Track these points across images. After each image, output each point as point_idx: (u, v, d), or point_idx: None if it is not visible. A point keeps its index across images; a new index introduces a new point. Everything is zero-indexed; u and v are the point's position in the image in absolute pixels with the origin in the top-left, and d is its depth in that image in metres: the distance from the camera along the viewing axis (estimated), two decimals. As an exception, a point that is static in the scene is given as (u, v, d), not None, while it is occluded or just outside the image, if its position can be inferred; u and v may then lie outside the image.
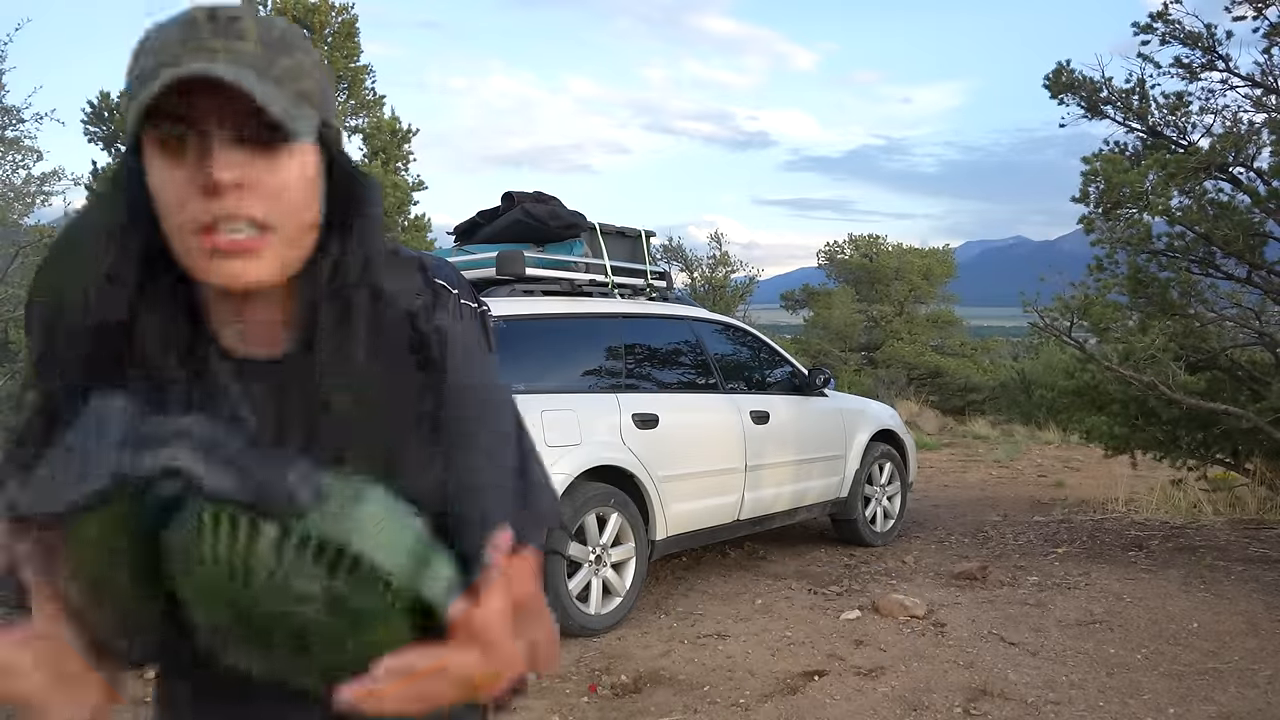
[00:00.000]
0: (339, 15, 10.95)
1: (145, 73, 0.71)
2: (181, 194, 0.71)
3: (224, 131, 0.71)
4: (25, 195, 5.91)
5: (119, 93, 0.78)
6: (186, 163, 0.71)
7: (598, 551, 4.22)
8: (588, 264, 4.82)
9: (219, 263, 0.71)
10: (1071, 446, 12.07)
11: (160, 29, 0.73)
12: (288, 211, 0.73)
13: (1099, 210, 6.05)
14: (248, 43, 0.72)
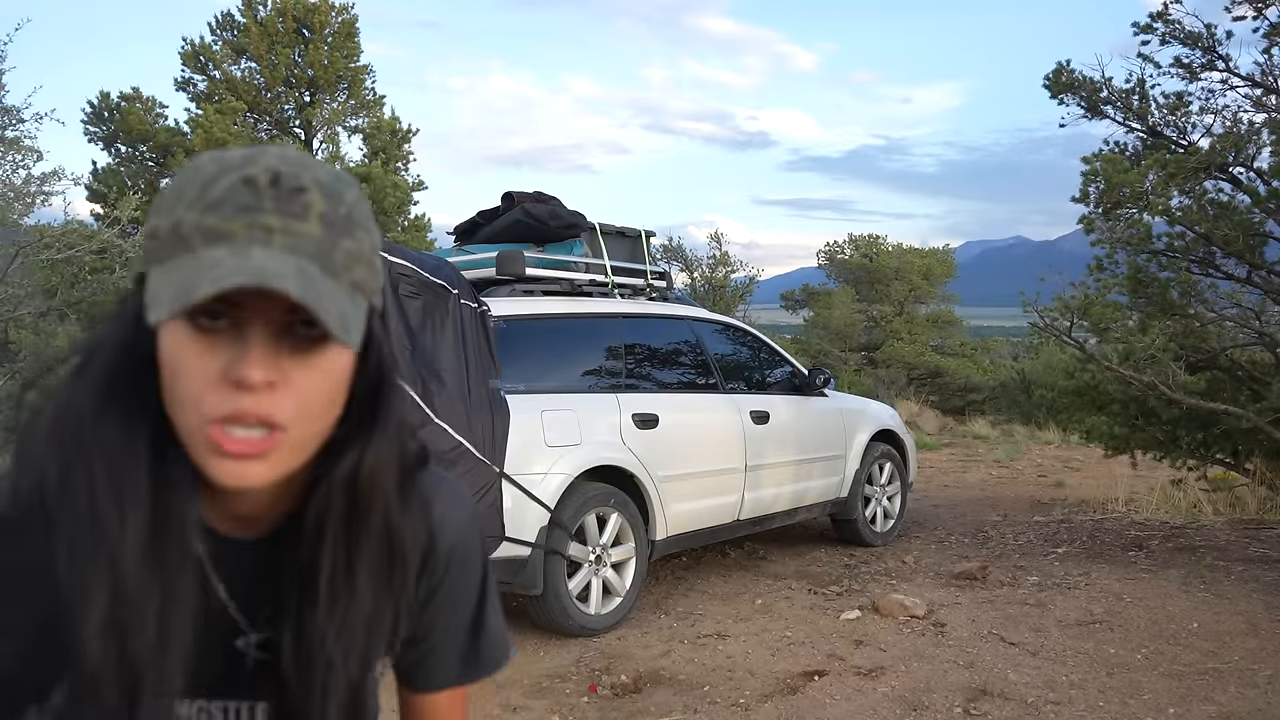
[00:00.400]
0: (339, 15, 10.96)
1: (185, 232, 0.63)
2: (202, 380, 0.64)
3: (265, 328, 0.65)
4: (25, 195, 5.91)
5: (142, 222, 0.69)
6: (216, 346, 0.64)
7: (598, 551, 4.22)
8: (588, 264, 4.82)
9: (222, 462, 0.65)
10: (1071, 446, 12.07)
11: (209, 177, 0.65)
12: (307, 416, 0.67)
13: (1099, 210, 6.05)
14: (309, 223, 0.65)
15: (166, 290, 0.62)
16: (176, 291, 0.61)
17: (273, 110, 10.99)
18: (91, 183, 10.02)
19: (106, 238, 5.66)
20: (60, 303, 5.91)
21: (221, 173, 0.64)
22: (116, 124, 10.10)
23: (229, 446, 0.64)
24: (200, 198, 0.64)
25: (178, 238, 0.64)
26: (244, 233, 0.63)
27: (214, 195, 0.63)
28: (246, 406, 0.64)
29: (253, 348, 0.64)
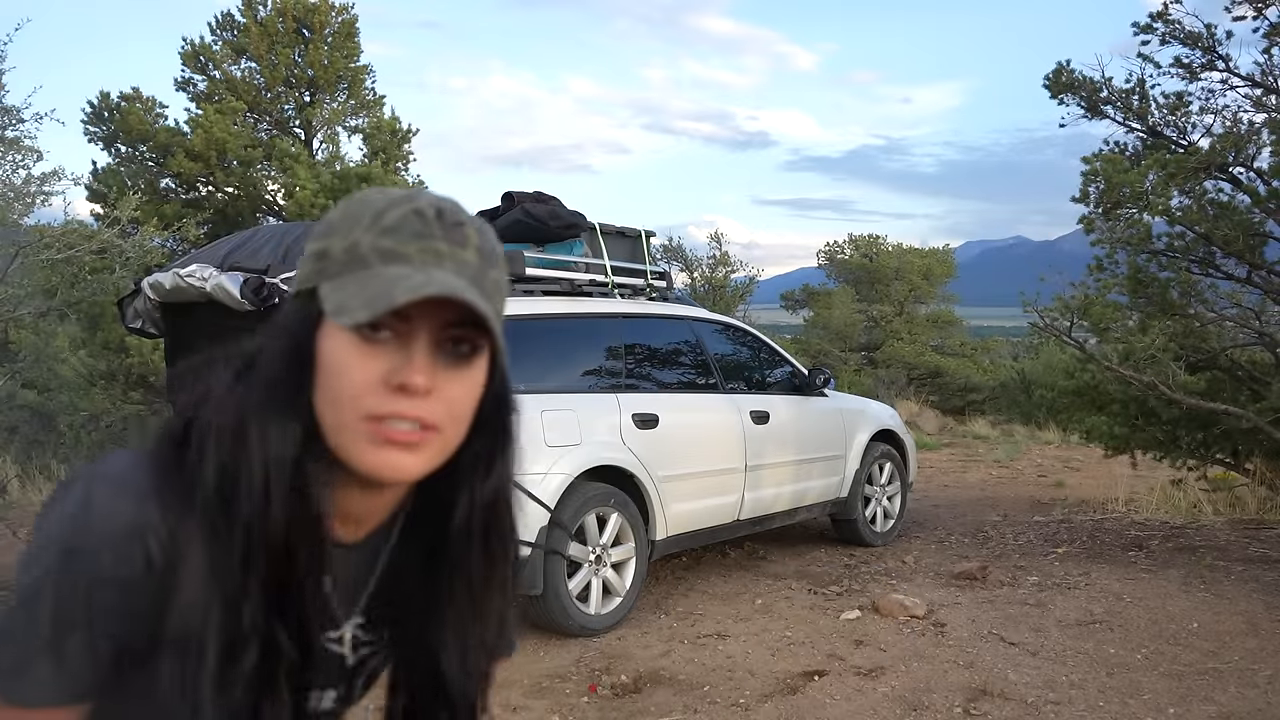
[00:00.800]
0: (339, 15, 10.94)
1: (363, 252, 0.73)
2: (365, 383, 0.72)
3: (426, 342, 0.73)
4: (25, 195, 5.91)
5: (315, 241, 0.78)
6: (379, 355, 0.72)
7: (598, 551, 4.22)
8: (588, 264, 4.82)
9: (382, 451, 0.72)
10: (1071, 446, 12.06)
11: (381, 208, 0.74)
12: (453, 421, 0.75)
13: (1099, 210, 6.04)
14: (469, 252, 0.75)
15: (357, 298, 0.70)
16: (369, 298, 0.70)
17: (273, 110, 10.99)
18: (91, 183, 10.00)
19: (106, 238, 5.66)
20: (60, 303, 5.91)
21: (391, 205, 0.74)
22: (116, 124, 10.09)
23: (392, 435, 0.72)
24: (374, 224, 0.73)
25: (354, 257, 0.73)
26: (418, 256, 0.73)
27: (388, 222, 0.73)
28: (405, 409, 0.72)
29: (417, 357, 0.72)
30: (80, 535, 0.72)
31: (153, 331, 3.90)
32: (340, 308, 0.71)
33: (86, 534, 0.72)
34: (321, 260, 0.75)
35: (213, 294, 3.36)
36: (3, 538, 5.83)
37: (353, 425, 0.72)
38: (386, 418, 0.72)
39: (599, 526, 4.24)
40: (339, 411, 0.73)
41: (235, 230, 6.60)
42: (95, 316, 8.52)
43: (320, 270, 0.75)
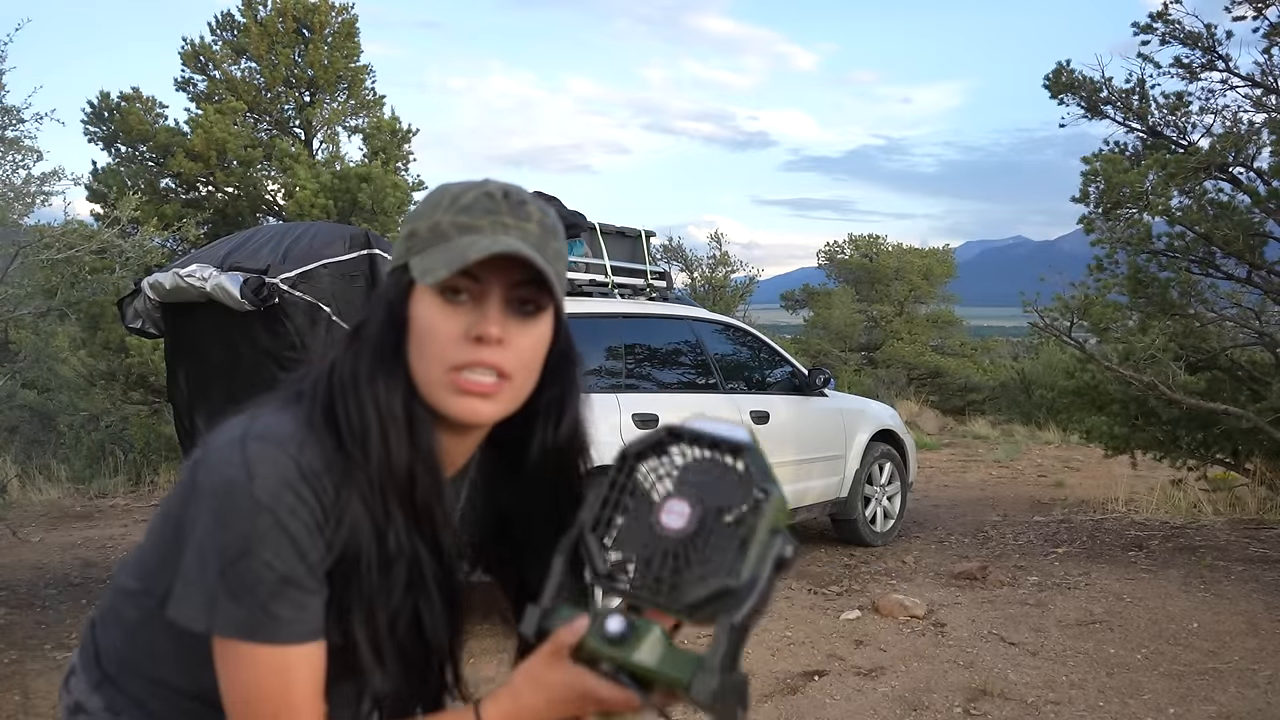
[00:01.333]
0: (339, 15, 10.93)
1: (444, 228, 0.87)
2: (449, 338, 0.85)
3: (498, 300, 0.86)
4: (25, 195, 5.90)
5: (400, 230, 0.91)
6: (459, 313, 0.86)
7: (598, 551, 4.22)
8: (588, 264, 4.82)
9: (463, 399, 0.86)
10: (1071, 446, 12.06)
11: (457, 193, 0.88)
12: (523, 368, 0.89)
13: (1099, 210, 6.05)
14: (531, 224, 0.89)
15: (438, 262, 0.84)
16: (449, 259, 0.83)
17: (273, 110, 10.98)
18: (91, 183, 9.99)
19: (106, 238, 5.65)
20: (60, 303, 5.91)
21: (466, 189, 0.89)
22: (116, 124, 10.08)
23: (468, 386, 0.86)
24: (452, 205, 0.88)
25: (436, 233, 0.87)
26: (489, 227, 0.87)
27: (463, 203, 0.88)
28: (484, 356, 0.85)
29: (490, 311, 0.86)
30: (263, 487, 0.81)
31: (153, 331, 3.89)
32: (425, 271, 0.84)
33: (266, 483, 0.82)
34: (411, 239, 0.89)
35: (213, 294, 3.36)
36: (3, 538, 5.84)
37: (438, 377, 0.86)
38: (466, 366, 0.85)
39: (599, 526, 4.23)
40: (427, 365, 0.86)
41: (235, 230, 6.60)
42: (95, 316, 8.51)
43: (409, 248, 0.88)
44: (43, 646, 4.05)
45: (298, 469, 0.83)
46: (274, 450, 0.83)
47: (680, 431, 0.84)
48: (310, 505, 0.83)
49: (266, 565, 0.81)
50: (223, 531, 0.81)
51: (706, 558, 0.79)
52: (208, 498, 0.83)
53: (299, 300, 3.26)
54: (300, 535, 0.82)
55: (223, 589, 0.81)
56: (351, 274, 3.38)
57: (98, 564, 5.63)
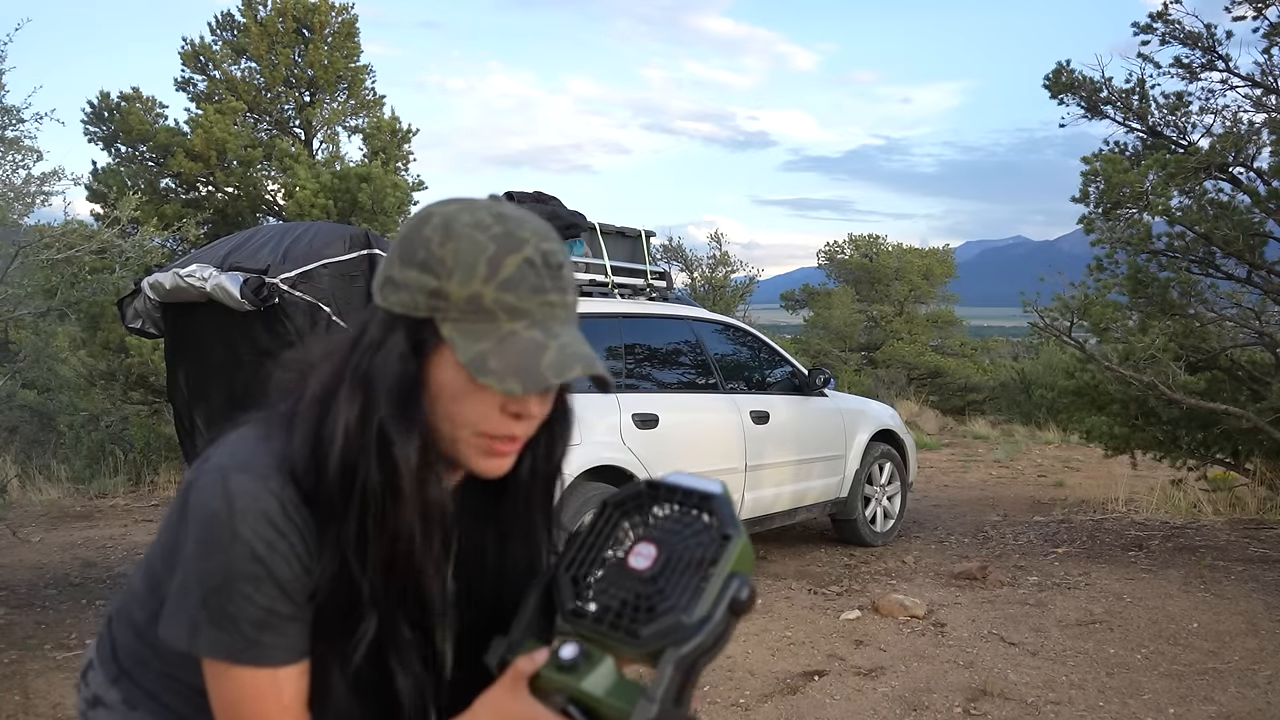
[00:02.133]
0: (339, 15, 10.93)
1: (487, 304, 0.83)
2: (485, 411, 0.85)
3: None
4: (25, 195, 5.90)
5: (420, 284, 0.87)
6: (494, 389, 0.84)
7: (598, 551, 4.22)
8: (588, 264, 4.82)
9: (490, 460, 0.89)
10: (1071, 446, 12.07)
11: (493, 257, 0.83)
12: (535, 429, 0.91)
13: (1099, 210, 6.05)
14: (571, 295, 0.88)
15: (505, 367, 0.82)
16: (514, 371, 0.82)
17: (273, 110, 10.97)
18: (91, 183, 9.99)
19: (106, 238, 5.65)
20: (60, 303, 5.90)
21: (503, 253, 0.83)
22: (116, 124, 10.08)
23: (499, 448, 0.88)
24: (493, 277, 0.83)
25: (479, 308, 0.83)
26: (539, 311, 0.85)
27: (505, 276, 0.83)
28: (518, 431, 0.88)
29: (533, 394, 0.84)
30: (243, 521, 0.82)
31: (153, 331, 3.89)
32: (481, 366, 0.83)
33: (245, 518, 0.82)
34: (438, 299, 0.84)
35: (213, 294, 3.36)
36: (3, 538, 5.83)
37: (468, 440, 0.87)
38: (499, 436, 0.87)
39: (599, 526, 4.23)
40: (457, 429, 0.87)
41: (235, 230, 6.59)
42: (95, 316, 8.51)
43: (437, 308, 0.84)
44: (43, 646, 4.05)
45: (279, 504, 0.84)
46: (256, 485, 0.84)
47: (658, 485, 0.89)
48: (291, 540, 0.84)
49: (245, 597, 0.83)
50: (205, 560, 0.83)
51: (665, 595, 0.82)
52: (194, 525, 0.85)
53: (299, 300, 3.26)
54: (279, 569, 0.83)
55: (204, 615, 0.84)
56: (351, 274, 3.38)
57: (98, 564, 5.63)
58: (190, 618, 0.85)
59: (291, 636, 0.86)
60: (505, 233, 0.84)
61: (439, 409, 0.86)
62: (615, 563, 0.87)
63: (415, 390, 0.86)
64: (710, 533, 0.84)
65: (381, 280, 0.88)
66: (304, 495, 0.85)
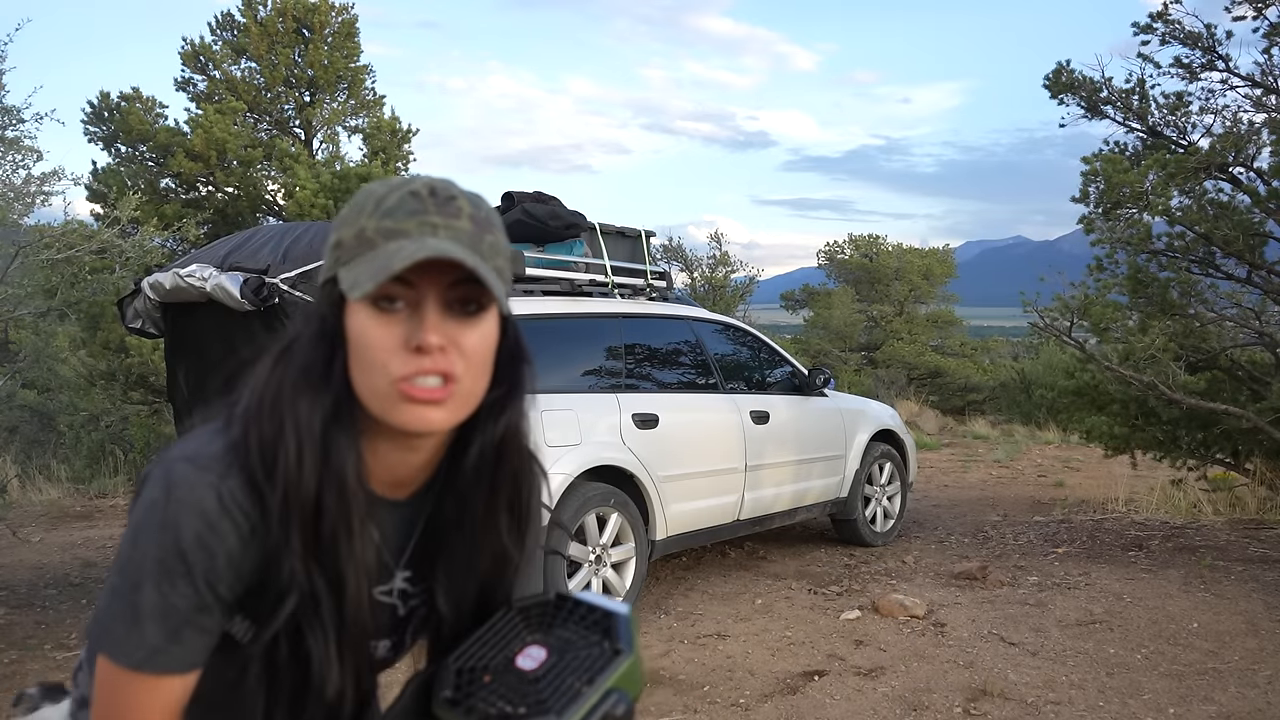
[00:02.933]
0: (339, 15, 10.94)
1: (369, 235, 0.82)
2: (388, 349, 0.82)
3: (435, 305, 0.83)
4: (25, 195, 5.90)
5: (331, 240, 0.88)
6: (396, 323, 0.82)
7: (598, 551, 4.22)
8: (588, 264, 4.82)
9: (412, 408, 0.82)
10: (1071, 446, 12.07)
11: (381, 195, 0.84)
12: (470, 369, 0.85)
13: (1099, 210, 6.05)
14: (462, 221, 0.84)
15: (364, 274, 0.80)
16: (375, 270, 0.79)
17: (273, 110, 10.98)
18: (91, 183, 9.99)
19: (106, 238, 5.65)
20: (60, 303, 5.91)
21: (390, 190, 0.84)
22: (116, 124, 10.08)
23: (416, 393, 0.82)
24: (377, 209, 0.83)
25: (362, 241, 0.83)
26: (416, 230, 0.82)
27: (387, 206, 0.83)
28: (426, 365, 0.82)
29: (428, 318, 0.82)
30: (173, 510, 0.81)
31: (153, 331, 3.90)
32: (353, 284, 0.80)
33: (179, 509, 0.81)
34: (337, 250, 0.85)
35: (213, 294, 3.36)
36: (3, 538, 5.84)
37: (384, 389, 0.82)
38: (411, 376, 0.81)
39: (599, 526, 4.24)
40: (371, 378, 0.83)
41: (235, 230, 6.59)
42: (95, 316, 8.51)
43: (337, 259, 0.85)
44: (43, 646, 4.05)
45: (216, 497, 0.82)
46: (196, 475, 0.82)
47: (565, 598, 0.91)
48: (222, 535, 0.82)
49: (160, 595, 0.81)
50: (132, 548, 0.82)
51: (543, 698, 0.83)
52: (133, 513, 0.84)
53: (299, 300, 3.26)
54: (200, 568, 0.81)
55: (114, 609, 0.82)
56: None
57: (98, 564, 5.63)
58: (101, 610, 0.83)
59: (190, 647, 0.84)
60: (407, 180, 0.86)
61: (355, 362, 0.84)
62: (503, 661, 0.87)
63: (329, 349, 0.85)
64: (603, 647, 0.85)
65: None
66: (250, 488, 0.83)
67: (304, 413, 0.84)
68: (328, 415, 0.85)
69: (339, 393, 0.85)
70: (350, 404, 0.85)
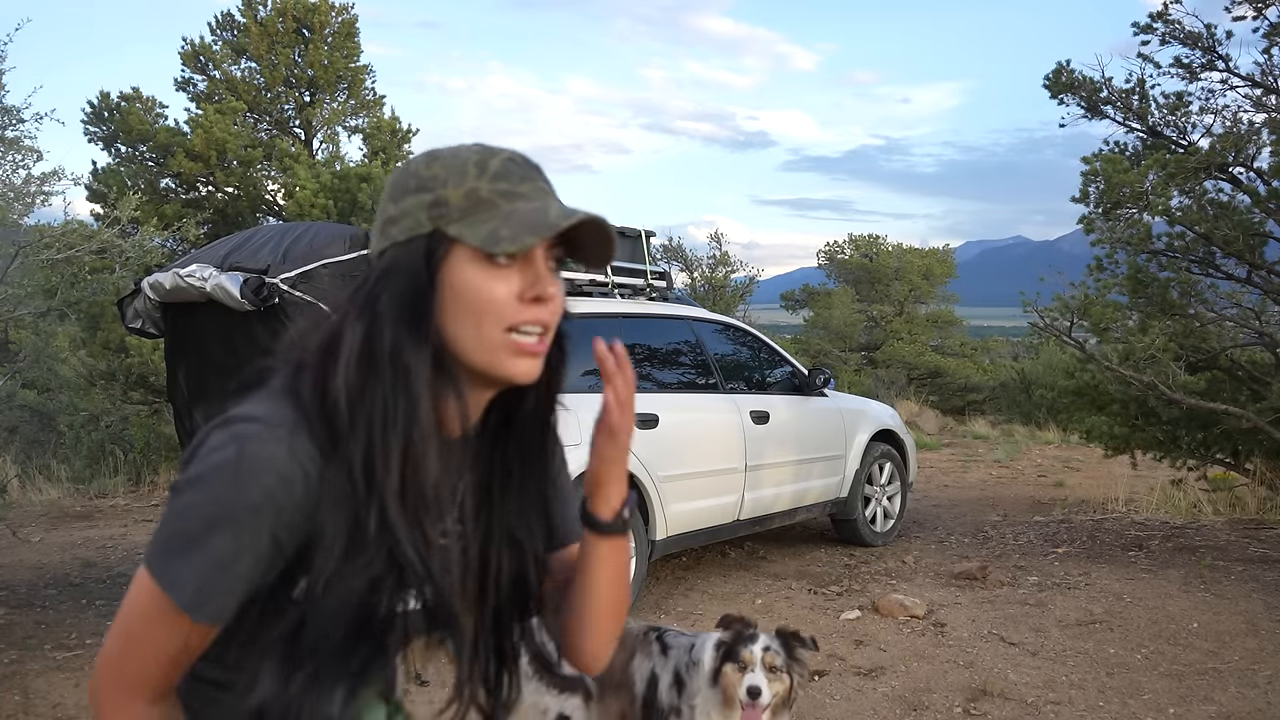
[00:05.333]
0: (339, 15, 10.94)
1: (484, 195, 0.87)
2: (505, 299, 0.87)
3: (545, 256, 0.90)
4: (25, 195, 5.90)
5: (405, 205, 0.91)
6: (508, 276, 0.87)
7: (598, 551, 4.22)
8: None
9: (520, 360, 0.89)
10: (1071, 446, 12.06)
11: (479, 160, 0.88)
12: (557, 321, 0.93)
13: (1099, 210, 6.05)
14: (552, 185, 0.93)
15: (510, 230, 0.85)
16: (531, 226, 0.85)
17: (273, 110, 10.98)
18: (91, 183, 9.99)
19: (106, 238, 5.65)
20: (60, 303, 5.90)
21: (485, 156, 0.89)
22: (116, 124, 10.08)
23: (525, 347, 0.89)
24: (482, 173, 0.88)
25: (476, 201, 0.87)
26: (533, 193, 0.89)
27: (494, 170, 0.88)
28: (539, 315, 0.89)
29: (544, 273, 0.89)
30: (248, 465, 0.82)
31: (153, 331, 3.89)
32: (494, 238, 0.85)
33: (254, 463, 0.82)
34: (439, 207, 0.87)
35: (213, 294, 3.36)
36: (3, 538, 5.83)
37: (497, 339, 0.88)
38: (522, 325, 0.88)
39: (599, 526, 4.23)
40: (483, 329, 0.87)
41: (235, 230, 6.59)
42: (95, 316, 8.51)
43: (440, 215, 0.87)
44: (43, 646, 4.05)
45: (288, 451, 0.83)
46: (267, 432, 0.84)
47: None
48: (291, 490, 0.83)
49: (223, 540, 0.82)
50: (200, 495, 0.83)
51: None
52: (197, 465, 0.85)
53: (299, 300, 3.26)
54: (268, 522, 0.83)
55: (172, 539, 0.84)
56: (352, 274, 3.38)
57: (98, 564, 5.63)
58: (161, 542, 0.85)
59: (231, 600, 0.85)
60: (482, 148, 0.90)
61: (460, 314, 0.87)
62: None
63: (425, 300, 0.87)
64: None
65: (379, 224, 0.91)
66: (318, 445, 0.85)
67: (420, 363, 0.86)
68: (433, 365, 0.88)
69: (437, 343, 0.88)
70: (443, 354, 0.88)
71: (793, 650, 2.41)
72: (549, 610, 1.07)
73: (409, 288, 0.87)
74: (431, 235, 0.87)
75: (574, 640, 1.05)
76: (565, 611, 1.05)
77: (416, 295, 0.87)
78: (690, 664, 2.46)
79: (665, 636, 2.58)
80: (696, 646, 2.47)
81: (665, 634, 2.59)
